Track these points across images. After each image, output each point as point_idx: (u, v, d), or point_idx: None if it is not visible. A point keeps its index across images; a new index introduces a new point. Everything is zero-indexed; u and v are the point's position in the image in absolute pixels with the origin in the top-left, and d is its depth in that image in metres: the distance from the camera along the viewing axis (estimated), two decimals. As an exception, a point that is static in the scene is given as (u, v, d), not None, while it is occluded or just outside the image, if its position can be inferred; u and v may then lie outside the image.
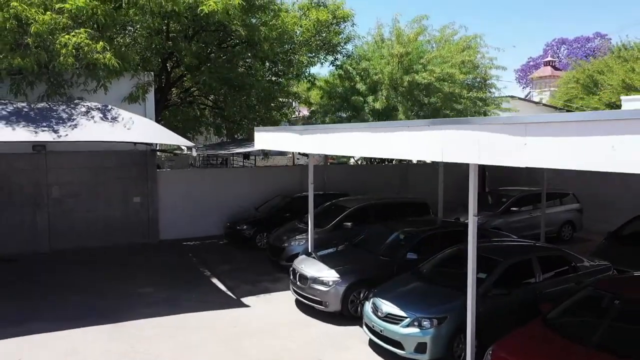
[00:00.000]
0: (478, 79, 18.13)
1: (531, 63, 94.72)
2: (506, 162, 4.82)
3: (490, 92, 18.73)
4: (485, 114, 17.62)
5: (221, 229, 15.64)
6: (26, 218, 13.83)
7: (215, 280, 11.26)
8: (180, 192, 15.48)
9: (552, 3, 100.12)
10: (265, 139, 10.44)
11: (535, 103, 27.80)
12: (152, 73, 14.83)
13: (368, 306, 7.87)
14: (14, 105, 10.12)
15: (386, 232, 10.41)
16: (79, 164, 14.17)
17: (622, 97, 17.03)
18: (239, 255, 13.56)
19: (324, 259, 9.78)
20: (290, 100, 20.71)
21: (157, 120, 15.04)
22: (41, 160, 13.64)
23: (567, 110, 26.78)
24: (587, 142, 4.04)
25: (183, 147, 10.70)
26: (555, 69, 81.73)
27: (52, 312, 9.17)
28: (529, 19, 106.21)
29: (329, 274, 8.99)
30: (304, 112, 22.91)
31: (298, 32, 16.57)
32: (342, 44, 18.17)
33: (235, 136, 18.95)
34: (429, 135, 5.71)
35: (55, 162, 13.79)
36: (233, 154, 12.01)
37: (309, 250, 10.74)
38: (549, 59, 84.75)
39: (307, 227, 10.95)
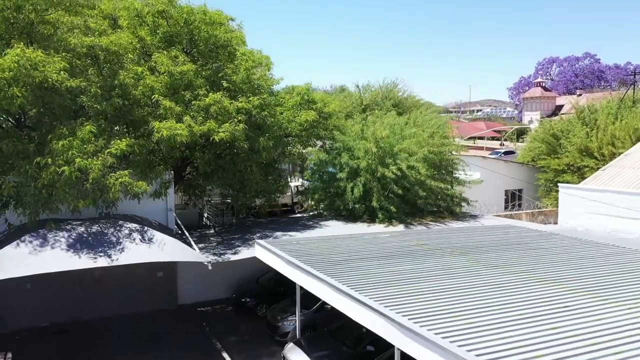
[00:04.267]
0: (444, 162, 21.53)
1: (523, 81, 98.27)
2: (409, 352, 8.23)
3: (456, 170, 22.17)
4: (451, 197, 21.08)
5: (228, 292, 19.12)
6: (70, 294, 17.28)
7: (225, 356, 14.71)
8: (194, 264, 18.90)
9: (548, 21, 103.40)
10: (263, 254, 13.92)
11: (505, 161, 31.12)
12: (172, 172, 18.27)
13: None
14: (76, 231, 13.61)
15: (354, 321, 13.81)
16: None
17: (560, 185, 20.38)
18: (243, 325, 17.02)
19: (308, 345, 13.22)
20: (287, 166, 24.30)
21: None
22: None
23: (533, 166, 30.08)
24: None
25: (205, 263, 14.09)
26: (545, 89, 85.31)
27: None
28: (523, 34, 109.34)
29: (309, 366, 12.45)
30: None
31: (291, 127, 19.98)
32: (329, 130, 21.62)
33: (239, 208, 22.51)
34: (362, 311, 9.17)
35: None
36: (239, 259, 15.42)
37: (297, 332, 14.25)
38: (539, 80, 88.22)
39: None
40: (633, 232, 17.20)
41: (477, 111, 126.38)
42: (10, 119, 15.51)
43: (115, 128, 15.99)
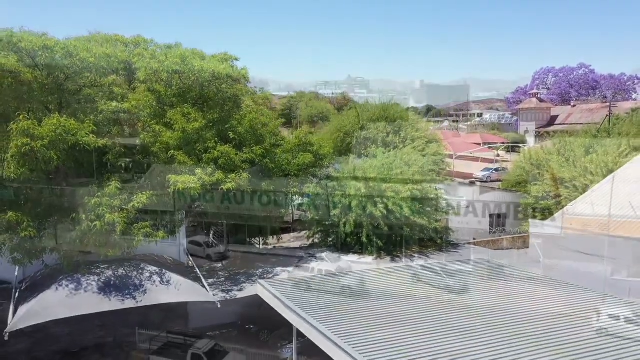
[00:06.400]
0: (431, 194, 23.82)
1: (520, 91, 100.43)
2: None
3: (439, 202, 24.48)
4: (435, 230, 23.38)
5: (234, 317, 21.42)
6: (96, 319, 19.63)
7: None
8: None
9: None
10: (264, 293, 16.25)
11: (492, 189, 33.34)
12: (184, 212, 20.60)
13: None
14: (105, 275, 15.98)
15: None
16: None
17: (531, 221, 22.62)
18: (248, 351, 19.30)
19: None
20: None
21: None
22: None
23: (517, 192, 32.23)
24: None
25: (215, 302, 16.43)
26: (540, 100, 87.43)
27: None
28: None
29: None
30: None
31: (290, 167, 22.30)
32: (325, 168, 23.97)
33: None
34: (334, 348, 11.54)
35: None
36: (244, 297, 17.78)
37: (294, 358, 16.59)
38: (535, 91, 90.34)
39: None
40: (591, 269, 19.44)
41: (478, 116, 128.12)
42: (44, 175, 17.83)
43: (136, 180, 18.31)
